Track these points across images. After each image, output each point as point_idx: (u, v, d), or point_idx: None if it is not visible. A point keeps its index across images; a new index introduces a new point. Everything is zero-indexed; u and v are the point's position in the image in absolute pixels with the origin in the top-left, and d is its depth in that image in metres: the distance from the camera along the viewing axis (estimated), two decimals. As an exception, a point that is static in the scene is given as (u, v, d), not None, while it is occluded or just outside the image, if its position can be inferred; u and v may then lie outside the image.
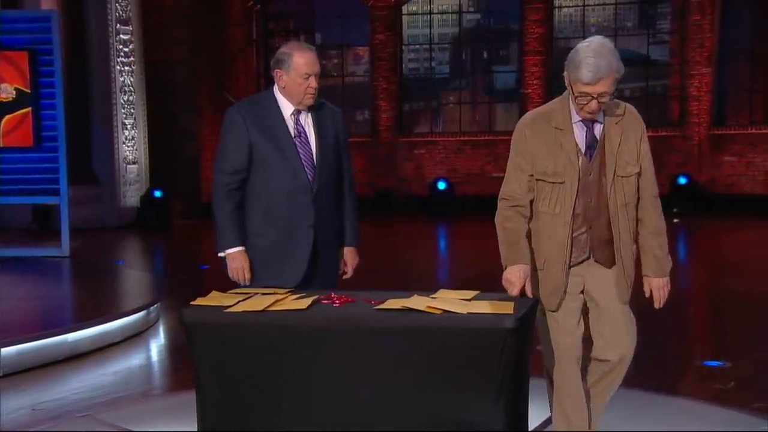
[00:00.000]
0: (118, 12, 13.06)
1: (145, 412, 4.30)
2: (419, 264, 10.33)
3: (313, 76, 3.46)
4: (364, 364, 2.88)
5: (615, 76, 3.03)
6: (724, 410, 4.13)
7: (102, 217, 12.85)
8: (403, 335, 2.85)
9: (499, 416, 2.81)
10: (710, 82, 14.68)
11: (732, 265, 9.90)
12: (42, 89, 9.48)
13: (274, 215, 3.47)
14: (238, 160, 3.46)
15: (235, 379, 2.96)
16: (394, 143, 16.28)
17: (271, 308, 2.98)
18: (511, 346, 2.78)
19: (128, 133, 13.30)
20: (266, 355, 2.93)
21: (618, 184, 3.15)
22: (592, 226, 3.18)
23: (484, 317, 2.84)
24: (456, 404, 2.82)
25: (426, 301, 3.00)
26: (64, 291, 8.06)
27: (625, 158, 3.15)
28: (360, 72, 17.17)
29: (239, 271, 3.46)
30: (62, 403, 4.61)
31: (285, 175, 3.46)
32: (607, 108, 3.14)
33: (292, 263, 3.48)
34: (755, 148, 14.35)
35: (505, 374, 2.79)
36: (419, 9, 16.70)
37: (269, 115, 3.50)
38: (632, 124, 3.19)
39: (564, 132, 3.15)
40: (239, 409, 2.97)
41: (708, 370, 5.11)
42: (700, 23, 14.61)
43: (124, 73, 13.18)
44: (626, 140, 3.16)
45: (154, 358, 5.84)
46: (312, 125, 3.54)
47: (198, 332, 2.98)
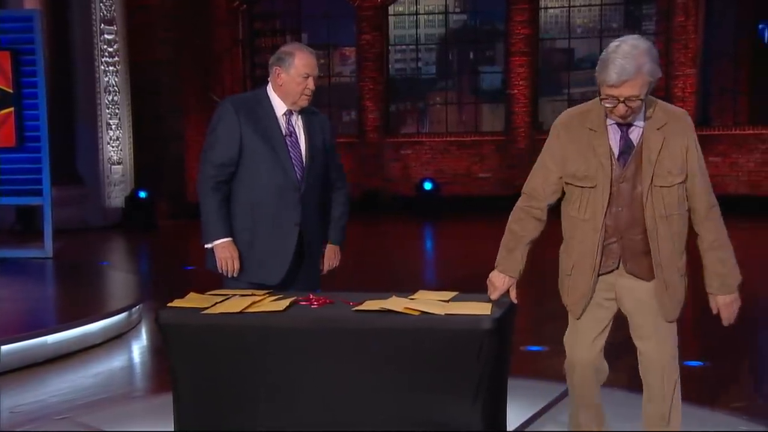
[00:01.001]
0: (103, 12, 13.01)
1: (126, 414, 4.26)
2: (406, 265, 10.33)
3: (311, 78, 3.48)
4: (342, 365, 2.87)
5: (646, 78, 2.85)
6: (703, 410, 4.15)
7: (86, 218, 12.78)
8: (381, 336, 2.85)
9: (476, 417, 2.81)
10: (695, 83, 14.78)
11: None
12: (25, 89, 9.43)
13: (262, 211, 3.48)
14: (227, 153, 3.46)
15: (213, 381, 2.95)
16: (381, 144, 16.29)
17: (248, 310, 2.97)
18: (489, 347, 2.78)
19: (113, 133, 13.24)
20: (243, 357, 2.92)
21: (656, 194, 2.95)
22: (623, 236, 3.01)
23: (461, 318, 2.83)
24: (434, 405, 2.82)
25: (404, 302, 3.00)
26: (46, 292, 8.00)
27: (667, 167, 2.94)
28: (346, 72, 17.20)
29: (228, 260, 3.44)
30: (42, 405, 4.57)
31: (275, 172, 3.46)
32: (649, 111, 2.97)
33: (276, 260, 3.48)
34: (739, 148, 14.45)
35: (482, 375, 2.79)
36: (406, 9, 16.73)
37: (262, 112, 3.50)
38: (678, 131, 2.97)
39: (597, 134, 2.99)
40: (216, 412, 2.96)
41: (688, 371, 5.14)
42: (685, 24, 14.69)
43: (108, 73, 13.13)
44: (668, 147, 2.94)
45: (136, 360, 5.79)
46: (302, 127, 3.56)
47: (175, 334, 2.97)
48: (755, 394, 4.63)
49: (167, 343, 3.01)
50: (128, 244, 12.10)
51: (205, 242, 3.50)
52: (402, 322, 2.85)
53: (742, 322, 6.63)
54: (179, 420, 3.01)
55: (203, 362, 2.95)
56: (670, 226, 2.98)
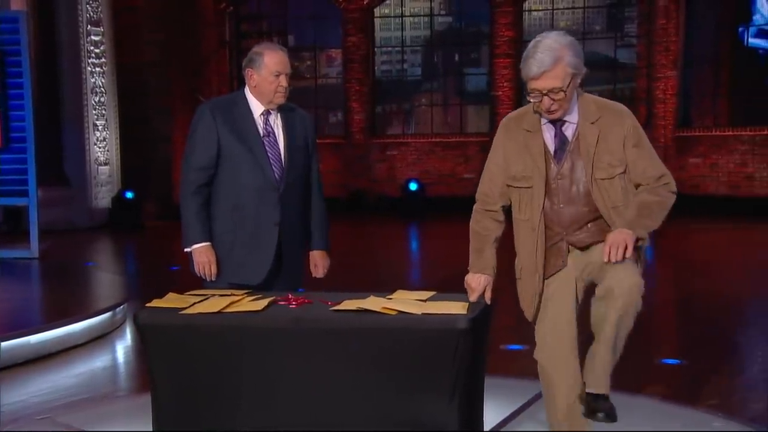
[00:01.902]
0: (89, 13, 12.96)
1: (107, 414, 4.22)
2: (391, 265, 10.33)
3: (283, 75, 3.46)
4: (320, 364, 2.87)
5: (567, 70, 2.84)
6: (679, 407, 4.17)
7: (73, 219, 12.72)
8: (359, 336, 2.85)
9: (453, 415, 2.81)
10: (675, 85, 14.85)
11: (696, 265, 9.98)
12: (10, 90, 9.40)
13: (241, 212, 3.47)
14: (206, 157, 3.46)
15: (191, 381, 2.94)
16: (367, 145, 16.29)
17: (226, 310, 2.96)
18: (465, 347, 2.78)
19: (99, 134, 13.19)
20: (222, 356, 2.90)
21: (601, 187, 2.91)
22: (568, 233, 2.97)
23: (438, 318, 2.83)
24: (411, 403, 2.82)
25: (382, 302, 2.99)
26: (31, 292, 7.95)
27: (606, 159, 2.91)
28: (333, 74, 17.18)
29: (205, 265, 3.45)
30: (23, 405, 4.54)
31: (253, 173, 3.45)
32: (582, 107, 2.95)
33: (257, 260, 3.47)
34: (719, 149, 14.51)
35: (459, 374, 2.79)
36: (391, 12, 16.73)
37: (239, 114, 3.50)
38: (613, 123, 2.93)
39: (533, 134, 2.98)
40: (195, 412, 2.95)
41: (666, 369, 5.17)
42: (666, 27, 14.76)
43: (95, 74, 13.07)
44: (605, 140, 2.91)
45: (119, 360, 5.77)
46: (281, 126, 3.55)
47: (153, 334, 2.96)
48: (730, 392, 4.64)
49: (145, 344, 2.99)
50: (115, 244, 12.06)
51: (184, 246, 3.50)
52: (379, 322, 2.85)
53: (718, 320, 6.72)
54: (158, 420, 3.00)
55: (181, 362, 2.94)
56: (619, 217, 2.90)
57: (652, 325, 6.79)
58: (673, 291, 8.28)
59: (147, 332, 2.97)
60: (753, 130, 14.25)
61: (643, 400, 4.13)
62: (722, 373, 5.03)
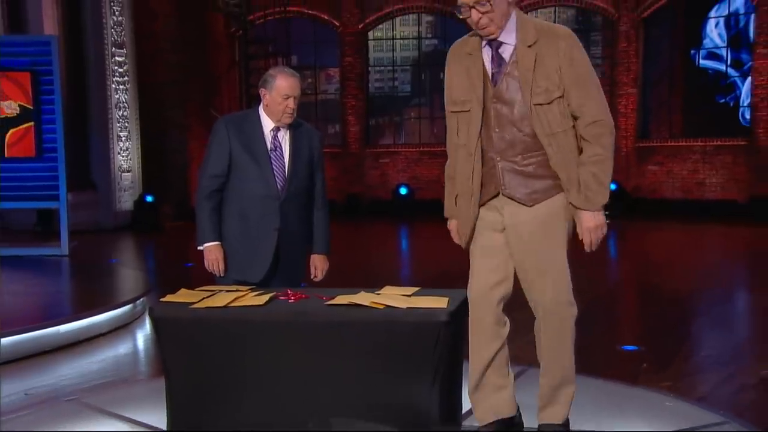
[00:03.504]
0: (114, 37, 12.93)
1: (129, 396, 4.20)
2: (383, 262, 10.33)
3: (292, 98, 3.45)
4: (316, 353, 2.86)
5: None
6: (636, 389, 4.16)
7: (99, 220, 12.68)
8: (350, 328, 2.84)
9: (434, 399, 2.81)
10: (636, 101, 14.89)
11: (653, 261, 9.98)
12: (43, 105, 9.37)
13: (246, 217, 3.47)
14: (218, 166, 3.47)
15: (200, 368, 2.93)
16: (362, 154, 16.28)
17: (231, 304, 2.95)
18: (445, 337, 2.77)
19: (123, 144, 13.17)
20: (227, 346, 2.90)
21: (539, 112, 2.56)
22: (502, 158, 2.63)
23: (421, 311, 2.82)
24: (397, 389, 2.81)
25: (371, 297, 2.98)
26: (61, 286, 7.93)
27: (543, 85, 2.55)
28: (331, 90, 17.15)
29: (214, 262, 3.47)
30: (53, 388, 4.54)
31: (258, 183, 3.45)
32: (521, 29, 2.59)
33: (257, 260, 3.47)
34: (674, 158, 14.55)
35: (439, 362, 2.78)
36: (383, 35, 16.72)
37: (251, 129, 3.50)
38: (550, 46, 2.56)
39: (473, 57, 2.64)
40: (204, 397, 2.94)
41: (625, 354, 5.18)
42: (627, 50, 14.81)
43: (119, 91, 13.04)
44: (542, 64, 2.55)
45: (140, 347, 5.75)
46: (289, 142, 3.54)
47: (166, 327, 2.95)
48: (681, 375, 4.64)
49: (159, 335, 2.98)
50: (136, 243, 12.02)
51: (197, 245, 3.52)
52: (368, 315, 2.85)
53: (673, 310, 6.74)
54: (171, 403, 2.99)
55: (191, 352, 2.93)
56: (558, 144, 2.59)
57: (614, 315, 6.83)
58: (632, 285, 8.30)
59: (160, 324, 2.96)
60: (704, 141, 14.30)
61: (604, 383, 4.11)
62: (674, 358, 5.03)
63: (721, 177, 14.09)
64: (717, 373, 4.70)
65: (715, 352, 5.33)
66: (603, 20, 15.34)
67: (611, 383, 4.18)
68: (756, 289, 8.10)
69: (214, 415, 2.94)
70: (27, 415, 3.88)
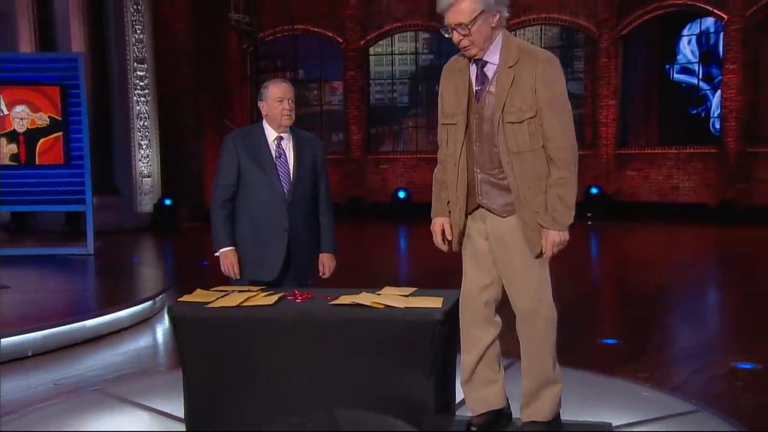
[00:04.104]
0: (135, 53, 12.94)
1: (149, 386, 4.20)
2: (383, 260, 10.33)
3: (286, 100, 3.45)
4: (321, 349, 2.86)
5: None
6: (615, 380, 4.16)
7: (122, 222, 12.69)
8: (352, 326, 2.83)
9: (430, 390, 2.80)
10: (615, 112, 14.88)
11: (632, 260, 9.98)
12: (71, 117, 9.40)
13: (257, 221, 3.47)
14: (229, 177, 3.47)
15: (214, 363, 2.92)
16: (363, 160, 16.28)
17: (243, 304, 2.95)
18: (440, 334, 2.77)
19: (143, 152, 13.17)
20: (239, 343, 2.89)
21: (508, 130, 2.49)
22: (482, 171, 2.59)
23: (417, 311, 2.82)
24: (396, 381, 2.81)
25: (372, 297, 2.98)
26: (87, 283, 7.95)
27: (516, 104, 2.47)
28: (335, 102, 17.15)
29: (230, 266, 3.47)
30: (80, 378, 4.54)
31: (265, 188, 3.45)
32: (505, 49, 2.52)
33: (269, 259, 3.46)
34: (651, 164, 14.55)
35: (435, 357, 2.78)
36: (383, 50, 16.73)
37: (256, 141, 3.50)
38: (528, 69, 2.48)
39: (462, 74, 2.60)
40: (218, 389, 2.93)
41: (604, 347, 5.16)
42: (607, 65, 14.80)
43: (140, 102, 13.05)
44: (519, 84, 2.47)
45: (159, 341, 5.74)
46: (292, 149, 3.53)
47: (183, 325, 2.94)
48: (657, 366, 4.64)
49: (177, 332, 2.97)
50: (155, 243, 12.02)
51: (214, 250, 3.53)
52: (369, 314, 2.84)
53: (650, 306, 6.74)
54: (188, 394, 2.98)
55: (206, 347, 2.92)
56: (523, 163, 2.51)
57: (595, 310, 6.82)
58: (612, 282, 8.30)
59: (178, 322, 2.95)
60: (677, 149, 14.30)
61: (586, 374, 4.11)
62: (651, 350, 5.03)
63: (693, 182, 14.10)
64: (689, 364, 4.70)
65: (688, 345, 5.34)
66: (585, 37, 15.33)
67: (592, 374, 4.18)
68: (725, 287, 8.11)
69: (227, 405, 2.93)
70: (56, 404, 3.89)
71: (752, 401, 3.95)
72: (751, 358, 4.76)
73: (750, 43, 13.39)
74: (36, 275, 7.75)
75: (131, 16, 12.83)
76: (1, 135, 9.25)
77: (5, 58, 9.99)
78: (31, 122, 9.28)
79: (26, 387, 4.39)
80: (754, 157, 13.42)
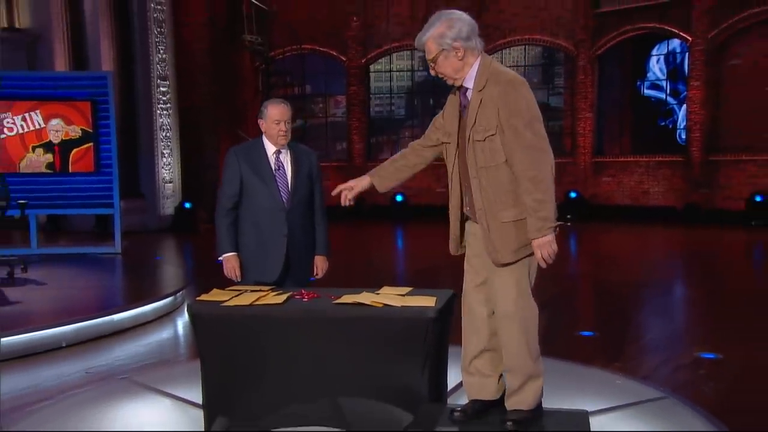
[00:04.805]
0: (159, 71, 12.92)
1: (170, 375, 4.21)
2: (382, 258, 10.31)
3: (282, 122, 3.43)
4: (325, 344, 2.86)
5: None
6: (591, 369, 4.16)
7: (146, 223, 12.67)
8: (354, 323, 2.84)
9: (424, 380, 2.81)
10: (592, 124, 14.88)
11: (607, 258, 9.97)
12: (101, 129, 9.37)
13: (259, 227, 3.45)
14: (232, 188, 3.46)
15: (229, 355, 2.92)
16: (364, 167, 16.21)
17: (255, 303, 2.95)
18: (433, 330, 2.77)
19: (166, 160, 13.15)
20: (252, 338, 2.89)
21: (476, 147, 2.51)
22: (465, 182, 2.63)
23: (413, 309, 2.82)
24: (393, 373, 2.82)
25: (372, 296, 2.98)
26: (115, 280, 7.93)
27: (482, 124, 2.49)
28: (339, 114, 17.14)
29: (231, 270, 3.46)
30: (108, 368, 4.53)
31: (266, 198, 3.43)
32: (478, 76, 2.52)
33: (271, 262, 3.44)
34: (624, 171, 14.55)
35: (428, 351, 2.78)
36: (383, 68, 16.72)
37: (257, 155, 3.48)
38: (493, 94, 2.47)
39: (455, 97, 2.64)
40: (232, 378, 2.94)
41: (582, 339, 5.15)
42: (585, 81, 14.80)
43: (162, 116, 13.03)
44: (484, 108, 2.49)
45: (180, 333, 5.71)
46: (290, 162, 3.51)
47: (201, 321, 2.94)
48: (629, 356, 4.64)
49: (195, 327, 2.97)
50: (176, 243, 11.99)
51: (217, 255, 3.50)
52: (369, 312, 2.84)
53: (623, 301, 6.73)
54: (205, 384, 2.98)
55: (222, 342, 2.92)
56: (488, 176, 2.51)
57: (574, 305, 6.81)
58: (589, 279, 8.29)
59: (197, 319, 2.95)
60: (648, 157, 14.30)
61: (564, 365, 4.12)
62: (624, 342, 5.02)
63: (662, 187, 14.09)
64: (658, 355, 4.69)
65: (657, 337, 5.33)
66: (564, 56, 15.34)
67: (571, 364, 4.19)
68: (690, 283, 8.11)
69: (241, 393, 2.94)
70: (87, 391, 3.90)
71: (714, 388, 3.96)
72: (713, 348, 4.76)
73: (712, 63, 13.40)
74: (69, 272, 7.73)
75: (155, 38, 12.81)
76: (39, 146, 9.24)
77: (43, 76, 10.01)
78: (65, 134, 9.27)
79: (60, 375, 4.39)
80: (716, 165, 13.42)
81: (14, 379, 4.31)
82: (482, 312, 2.68)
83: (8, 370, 4.45)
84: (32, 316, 5.43)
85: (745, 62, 13.11)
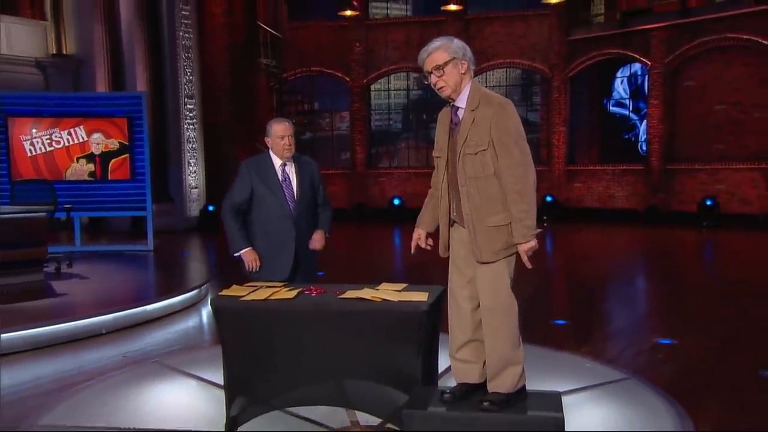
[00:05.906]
0: (186, 90, 12.91)
1: (196, 359, 4.21)
2: (381, 256, 10.30)
3: (287, 137, 3.40)
4: (331, 334, 2.86)
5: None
6: (562, 353, 4.16)
7: (174, 224, 12.64)
8: (357, 315, 2.83)
9: (418, 366, 2.80)
10: (565, 137, 14.90)
11: (578, 255, 9.98)
12: (136, 142, 9.39)
13: (269, 233, 3.41)
14: (241, 196, 3.40)
15: (247, 343, 2.92)
16: (365, 174, 16.27)
17: (270, 297, 2.95)
18: (426, 322, 2.76)
19: (192, 168, 13.14)
20: (267, 328, 2.89)
21: (466, 160, 2.49)
22: (454, 193, 2.60)
23: (408, 303, 2.82)
24: (391, 360, 2.81)
25: (372, 292, 2.96)
26: (148, 275, 7.93)
27: (475, 139, 2.47)
28: (343, 127, 17.14)
29: (252, 262, 3.38)
30: (142, 352, 4.54)
31: (275, 206, 3.39)
32: (470, 96, 2.52)
33: (281, 263, 3.41)
34: (593, 178, 14.57)
35: (422, 340, 2.78)
36: (382, 87, 16.74)
37: (265, 168, 3.44)
38: (486, 114, 2.46)
39: (446, 117, 2.61)
40: (249, 363, 2.94)
41: (556, 328, 5.14)
42: (559, 99, 14.84)
43: (189, 130, 13.02)
44: (476, 126, 2.48)
45: (204, 321, 5.69)
46: (295, 173, 3.48)
47: (222, 313, 2.94)
48: (597, 342, 4.63)
49: (217, 320, 2.96)
50: (201, 241, 11.96)
51: (233, 252, 3.41)
52: (370, 306, 2.83)
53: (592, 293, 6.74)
54: (226, 368, 2.98)
55: (241, 331, 2.92)
56: (477, 186, 2.50)
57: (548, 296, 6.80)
58: (562, 273, 8.30)
59: (219, 311, 2.95)
60: (614, 166, 14.32)
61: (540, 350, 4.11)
62: (592, 329, 5.01)
63: (626, 192, 14.10)
64: (622, 341, 4.69)
65: (621, 325, 5.33)
66: (541, 77, 15.36)
67: (546, 350, 4.18)
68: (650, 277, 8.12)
69: (257, 377, 2.94)
70: (124, 373, 3.91)
71: (670, 370, 3.96)
72: (670, 334, 4.76)
73: (668, 84, 13.47)
74: (108, 268, 7.74)
75: (183, 62, 12.81)
76: (82, 156, 9.27)
77: (86, 96, 10.03)
78: (105, 146, 9.29)
79: (100, 359, 4.40)
80: (672, 173, 13.45)
81: (60, 362, 4.33)
82: (467, 307, 2.67)
83: (55, 354, 4.46)
84: (76, 306, 5.44)
85: (697, 84, 13.18)
